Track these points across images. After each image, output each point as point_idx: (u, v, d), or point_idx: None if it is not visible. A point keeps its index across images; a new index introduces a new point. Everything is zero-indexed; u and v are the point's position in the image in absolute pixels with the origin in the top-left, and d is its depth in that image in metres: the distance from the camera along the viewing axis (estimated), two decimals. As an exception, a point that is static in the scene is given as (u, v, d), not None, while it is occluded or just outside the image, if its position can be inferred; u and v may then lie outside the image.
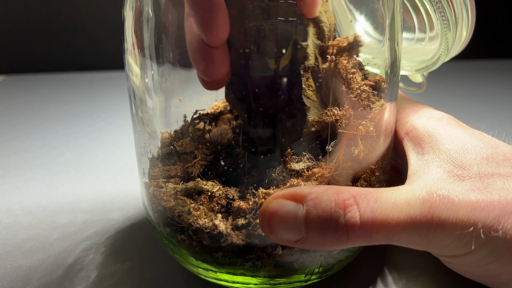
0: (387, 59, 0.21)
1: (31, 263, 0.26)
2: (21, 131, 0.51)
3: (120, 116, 0.57)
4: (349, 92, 0.20)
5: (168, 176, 0.22)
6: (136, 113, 0.24)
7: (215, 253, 0.20)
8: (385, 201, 0.18)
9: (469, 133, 0.21)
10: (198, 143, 0.22)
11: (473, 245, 0.17)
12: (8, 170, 0.40)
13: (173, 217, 0.21)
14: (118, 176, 0.39)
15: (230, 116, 0.27)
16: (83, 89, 0.72)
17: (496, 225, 0.17)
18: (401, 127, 0.23)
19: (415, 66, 0.27)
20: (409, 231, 0.17)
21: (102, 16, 0.83)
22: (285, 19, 0.19)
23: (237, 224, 0.19)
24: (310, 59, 0.20)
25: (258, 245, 0.20)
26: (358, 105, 0.20)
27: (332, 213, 0.17)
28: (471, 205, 0.18)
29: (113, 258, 0.26)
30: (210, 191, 0.20)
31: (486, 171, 0.19)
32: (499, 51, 0.92)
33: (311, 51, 0.20)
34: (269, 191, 0.19)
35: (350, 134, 0.20)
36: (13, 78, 0.80)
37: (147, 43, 0.21)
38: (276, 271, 0.21)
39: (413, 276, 0.24)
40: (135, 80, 0.23)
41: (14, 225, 0.30)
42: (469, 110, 0.57)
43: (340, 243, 0.18)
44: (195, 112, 0.24)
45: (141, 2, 0.21)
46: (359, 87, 0.20)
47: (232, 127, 0.26)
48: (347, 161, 0.20)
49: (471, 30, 0.24)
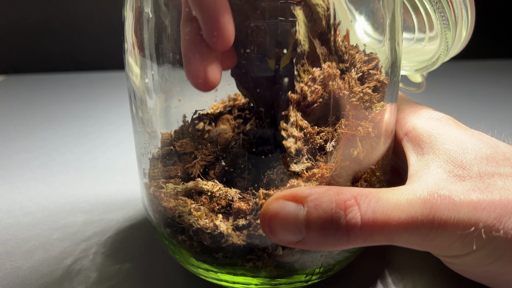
0: (388, 59, 0.21)
1: (31, 263, 0.26)
2: (21, 131, 0.51)
3: (120, 117, 0.57)
4: (351, 96, 0.20)
5: (168, 176, 0.22)
6: (136, 113, 0.24)
7: (215, 254, 0.20)
8: (386, 201, 0.18)
9: (469, 133, 0.21)
10: (198, 143, 0.22)
11: (474, 245, 0.17)
12: (8, 170, 0.40)
13: (174, 217, 0.21)
14: (118, 176, 0.39)
15: (230, 117, 0.27)
16: (83, 89, 0.72)
17: (497, 225, 0.17)
18: (400, 128, 0.23)
19: (415, 66, 0.27)
20: (411, 231, 0.17)
21: (102, 16, 0.83)
22: (284, 19, 0.19)
23: (238, 224, 0.19)
24: (303, 44, 0.19)
25: (258, 245, 0.20)
26: (360, 108, 0.20)
27: (332, 214, 0.17)
28: (472, 205, 0.18)
29: (113, 259, 0.26)
30: (210, 191, 0.20)
31: (486, 170, 0.19)
32: (499, 51, 0.92)
33: (302, 36, 0.19)
34: (269, 192, 0.19)
35: (349, 134, 0.20)
36: (13, 78, 0.80)
37: (147, 43, 0.21)
38: (277, 272, 0.21)
39: (413, 276, 0.24)
40: (135, 80, 0.23)
41: (14, 225, 0.30)
42: (469, 110, 0.57)
43: (341, 244, 0.18)
44: (195, 113, 0.24)
45: (141, 2, 0.21)
46: (361, 90, 0.20)
47: (232, 127, 0.26)
48: (346, 161, 0.20)
49: (471, 30, 0.24)
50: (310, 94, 0.19)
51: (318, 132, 0.20)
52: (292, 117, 0.19)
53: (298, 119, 0.19)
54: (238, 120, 0.26)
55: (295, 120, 0.19)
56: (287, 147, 0.19)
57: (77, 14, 0.82)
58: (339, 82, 0.20)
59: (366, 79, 0.21)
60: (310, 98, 0.19)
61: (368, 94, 0.20)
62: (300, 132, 0.19)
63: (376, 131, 0.21)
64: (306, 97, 0.19)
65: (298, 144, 0.19)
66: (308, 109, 0.19)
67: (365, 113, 0.20)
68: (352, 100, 0.20)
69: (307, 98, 0.19)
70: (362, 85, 0.21)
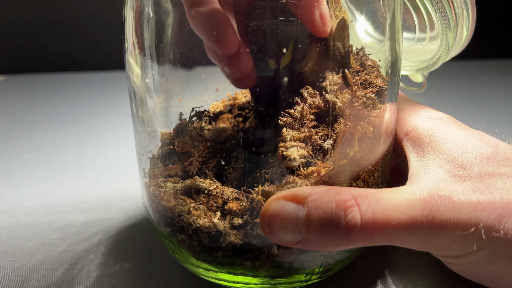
0: (388, 59, 0.21)
1: (31, 263, 0.26)
2: (21, 131, 0.51)
3: (120, 116, 0.57)
4: (354, 101, 0.20)
5: (167, 175, 0.22)
6: (136, 113, 0.24)
7: (215, 253, 0.20)
8: (386, 202, 0.18)
9: (469, 132, 0.21)
10: (196, 141, 0.22)
11: (474, 245, 0.17)
12: (8, 170, 0.40)
13: (173, 216, 0.21)
14: (118, 176, 0.39)
15: (230, 116, 0.27)
16: (83, 89, 0.72)
17: (497, 225, 0.17)
18: (400, 128, 0.23)
19: (416, 66, 0.27)
20: (410, 232, 0.17)
21: (102, 16, 0.83)
22: (285, 19, 0.19)
23: (234, 223, 0.19)
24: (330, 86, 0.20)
25: (255, 245, 0.20)
26: (362, 113, 0.20)
27: (333, 214, 0.17)
28: (472, 205, 0.18)
29: (113, 258, 0.26)
30: (207, 189, 0.20)
31: (487, 170, 0.19)
32: (499, 51, 0.92)
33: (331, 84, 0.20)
34: (266, 188, 0.19)
35: (347, 132, 0.20)
36: (13, 78, 0.80)
37: (148, 43, 0.21)
38: (276, 271, 0.21)
39: (413, 276, 0.24)
40: (136, 80, 0.23)
41: (14, 225, 0.30)
42: (469, 110, 0.57)
43: (341, 244, 0.18)
44: (192, 110, 0.24)
45: (141, 2, 0.21)
46: (364, 95, 0.20)
47: (231, 126, 0.26)
48: (344, 160, 0.20)
49: (472, 30, 0.24)
50: (299, 114, 0.20)
51: (316, 132, 0.20)
52: (288, 136, 0.19)
53: (295, 137, 0.19)
54: (238, 118, 0.27)
55: (291, 137, 0.19)
56: (289, 164, 0.19)
57: (77, 14, 0.82)
58: (342, 94, 0.20)
59: (369, 84, 0.21)
60: (300, 118, 0.20)
61: (371, 98, 0.20)
62: (300, 143, 0.19)
63: (376, 130, 0.21)
64: (297, 118, 0.20)
65: (301, 152, 0.19)
66: (302, 127, 0.20)
67: (365, 113, 0.20)
68: (355, 105, 0.20)
69: (297, 119, 0.20)
70: (365, 89, 0.21)
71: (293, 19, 0.19)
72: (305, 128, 0.19)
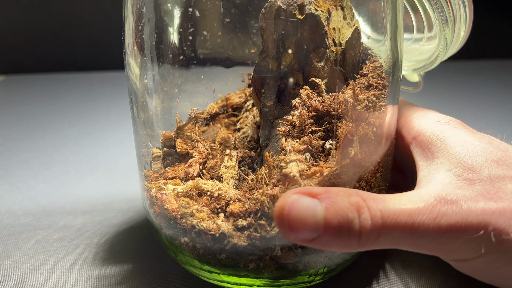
0: (389, 59, 0.21)
1: (32, 263, 0.26)
2: (21, 131, 0.51)
3: (120, 117, 0.57)
4: (356, 104, 0.20)
5: (168, 177, 0.22)
6: (136, 114, 0.24)
7: (218, 255, 0.20)
8: (394, 206, 0.18)
9: (478, 136, 0.21)
10: (195, 142, 0.22)
11: (483, 248, 0.17)
12: (8, 170, 0.40)
13: (176, 219, 0.21)
14: (118, 177, 0.39)
15: (225, 116, 0.27)
16: (83, 89, 0.72)
17: (507, 228, 0.17)
18: (407, 132, 0.23)
19: (413, 65, 0.27)
20: (417, 236, 0.17)
21: (102, 16, 0.83)
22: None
23: (238, 225, 0.19)
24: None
25: (260, 246, 0.20)
26: (364, 114, 0.20)
27: (348, 213, 0.17)
28: (481, 209, 0.17)
29: (114, 259, 0.26)
30: (209, 191, 0.20)
31: (497, 173, 0.19)
32: (499, 51, 0.92)
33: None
34: (269, 191, 0.19)
35: (348, 133, 0.20)
36: (13, 78, 0.80)
37: (147, 43, 0.21)
38: (280, 273, 0.20)
39: (413, 276, 0.24)
40: (136, 80, 0.23)
41: (14, 225, 0.30)
42: (469, 110, 0.57)
43: (351, 246, 0.17)
44: (192, 111, 0.24)
45: (141, 2, 0.21)
46: (366, 98, 0.20)
47: (225, 126, 0.26)
48: (347, 160, 0.20)
49: (469, 29, 0.24)
50: (298, 121, 0.20)
51: (316, 138, 0.20)
52: (288, 146, 0.19)
53: (294, 148, 0.19)
54: (231, 118, 0.27)
55: (291, 148, 0.19)
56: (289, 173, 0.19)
57: (77, 14, 0.82)
58: (343, 96, 0.20)
59: (372, 87, 0.21)
60: (299, 124, 0.20)
61: (373, 101, 0.20)
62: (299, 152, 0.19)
63: (377, 131, 0.21)
64: (295, 125, 0.20)
65: (300, 166, 0.19)
66: (301, 134, 0.20)
67: (366, 114, 0.20)
68: (357, 108, 0.20)
69: (296, 127, 0.20)
70: (368, 90, 0.21)
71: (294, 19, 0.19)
72: (305, 135, 0.19)
